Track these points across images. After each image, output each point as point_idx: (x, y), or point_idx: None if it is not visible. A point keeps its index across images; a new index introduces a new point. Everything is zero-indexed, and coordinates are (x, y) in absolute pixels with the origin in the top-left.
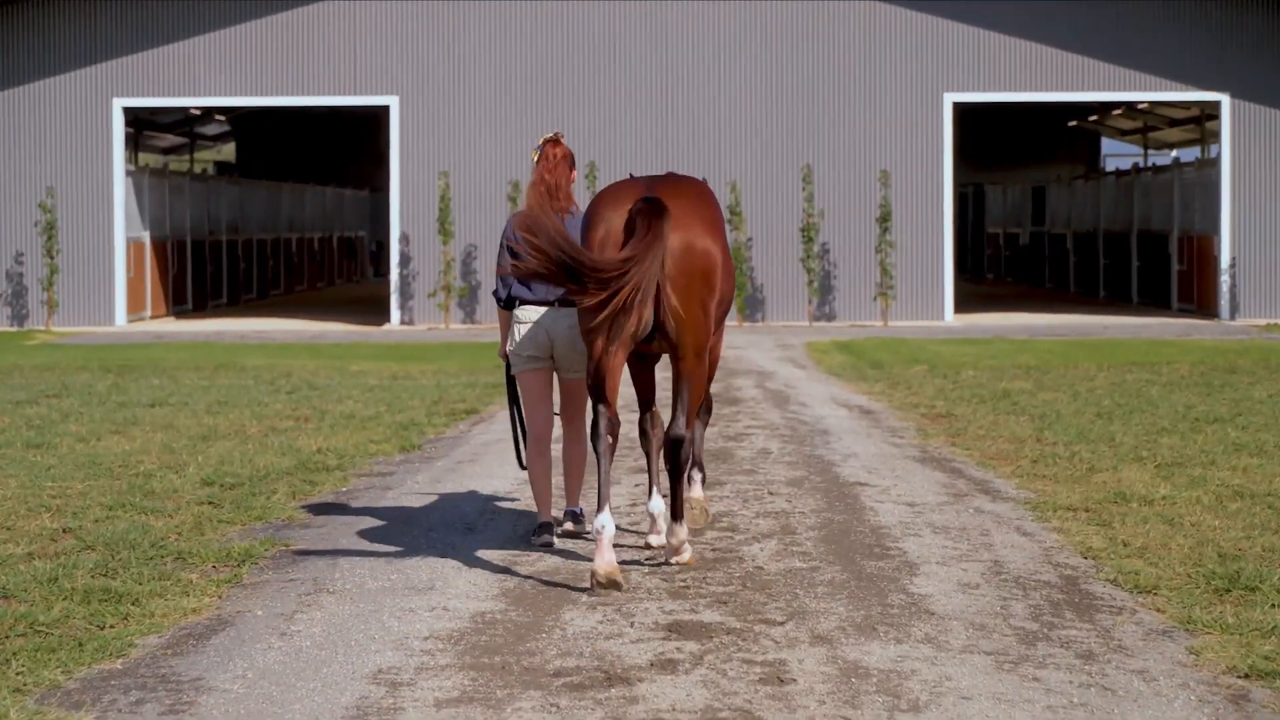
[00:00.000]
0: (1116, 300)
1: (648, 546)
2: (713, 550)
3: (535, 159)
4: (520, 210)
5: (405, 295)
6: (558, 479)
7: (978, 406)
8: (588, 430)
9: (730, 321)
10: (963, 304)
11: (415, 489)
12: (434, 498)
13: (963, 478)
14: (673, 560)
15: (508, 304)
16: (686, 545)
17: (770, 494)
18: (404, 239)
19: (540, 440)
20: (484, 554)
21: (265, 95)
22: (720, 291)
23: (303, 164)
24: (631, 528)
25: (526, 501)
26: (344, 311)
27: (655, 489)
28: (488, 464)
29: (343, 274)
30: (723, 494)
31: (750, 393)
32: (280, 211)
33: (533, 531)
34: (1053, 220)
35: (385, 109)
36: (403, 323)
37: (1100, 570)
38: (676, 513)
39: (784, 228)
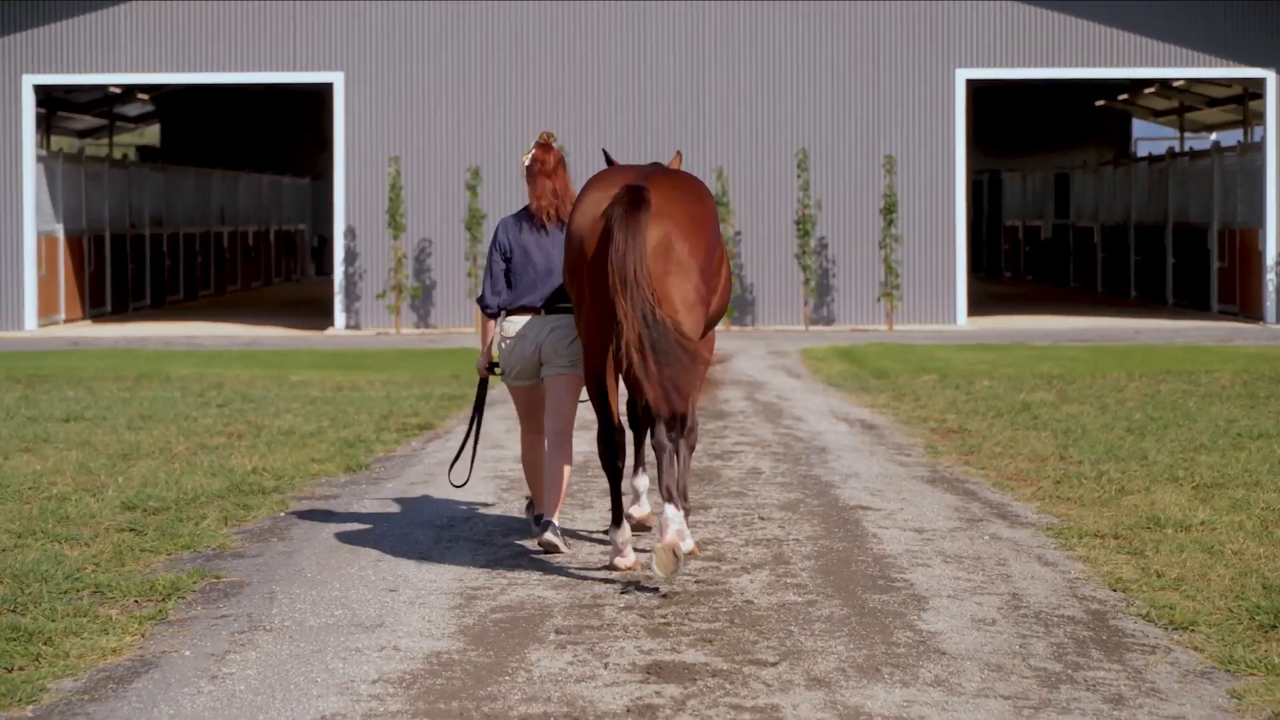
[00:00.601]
0: (1149, 301)
1: (629, 518)
2: (696, 582)
3: (526, 163)
4: (521, 210)
5: (351, 296)
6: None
7: (994, 421)
8: (597, 445)
9: (718, 326)
10: (977, 306)
11: (362, 514)
12: (383, 523)
13: (977, 501)
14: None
15: (496, 312)
16: (687, 533)
17: (761, 519)
18: (350, 233)
19: (535, 435)
20: (440, 586)
21: (194, 71)
22: (714, 290)
23: (236, 149)
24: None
25: (488, 526)
26: (282, 314)
27: (643, 467)
28: (444, 485)
29: (281, 272)
30: (708, 519)
31: (739, 405)
32: (210, 202)
33: (533, 521)
34: (1078, 212)
35: (328, 87)
36: (348, 327)
37: (1131, 604)
38: (672, 496)
39: (777, 220)
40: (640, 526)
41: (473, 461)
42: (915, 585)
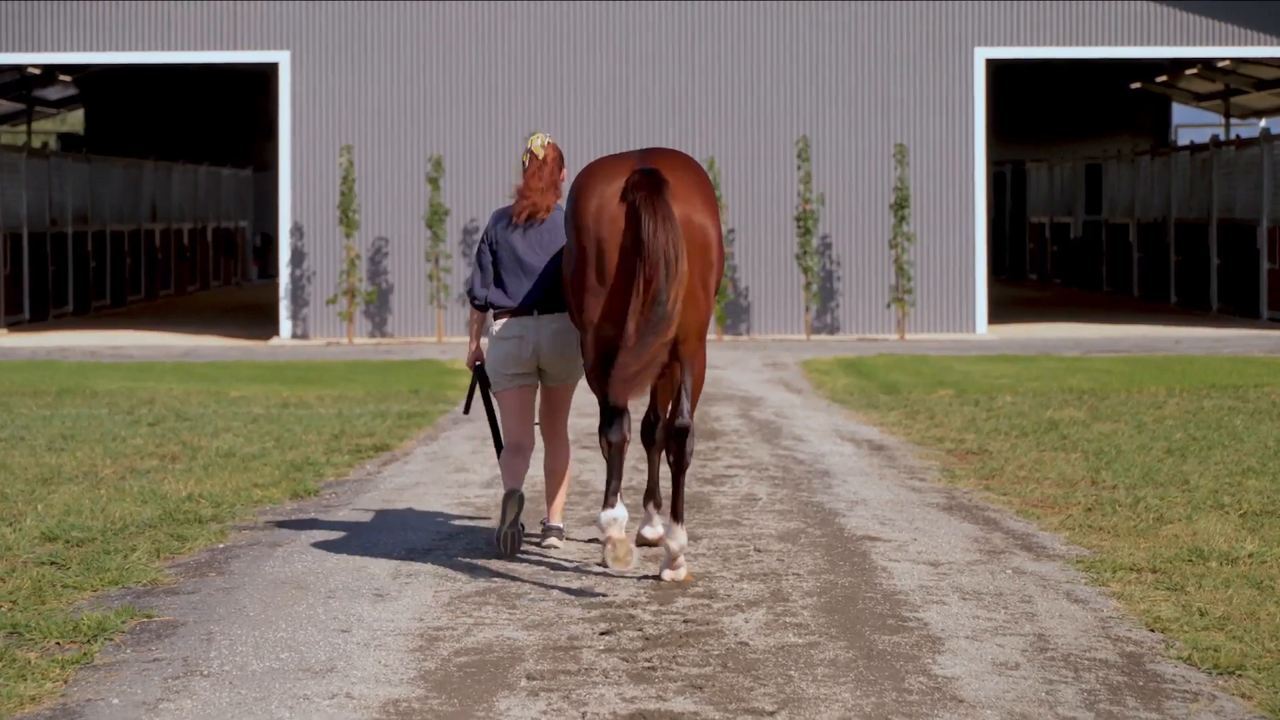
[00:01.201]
0: (1191, 307)
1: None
2: (685, 622)
3: (526, 162)
4: (511, 206)
5: (298, 302)
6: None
7: (1017, 441)
8: (600, 428)
9: (709, 335)
10: (999, 312)
11: (311, 545)
12: (335, 556)
13: (999, 530)
14: (665, 575)
15: (485, 305)
16: (683, 559)
17: (757, 551)
18: (296, 231)
19: (521, 449)
20: (398, 626)
21: (122, 50)
22: (716, 273)
23: (169, 137)
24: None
25: (452, 558)
26: (221, 322)
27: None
28: (401, 514)
29: (219, 275)
30: (697, 551)
31: (732, 424)
32: (141, 196)
33: (501, 515)
34: (1111, 207)
35: (273, 68)
36: (295, 336)
37: (1171, 646)
38: (677, 513)
39: (775, 216)
40: (643, 543)
41: (496, 434)
42: (929, 625)
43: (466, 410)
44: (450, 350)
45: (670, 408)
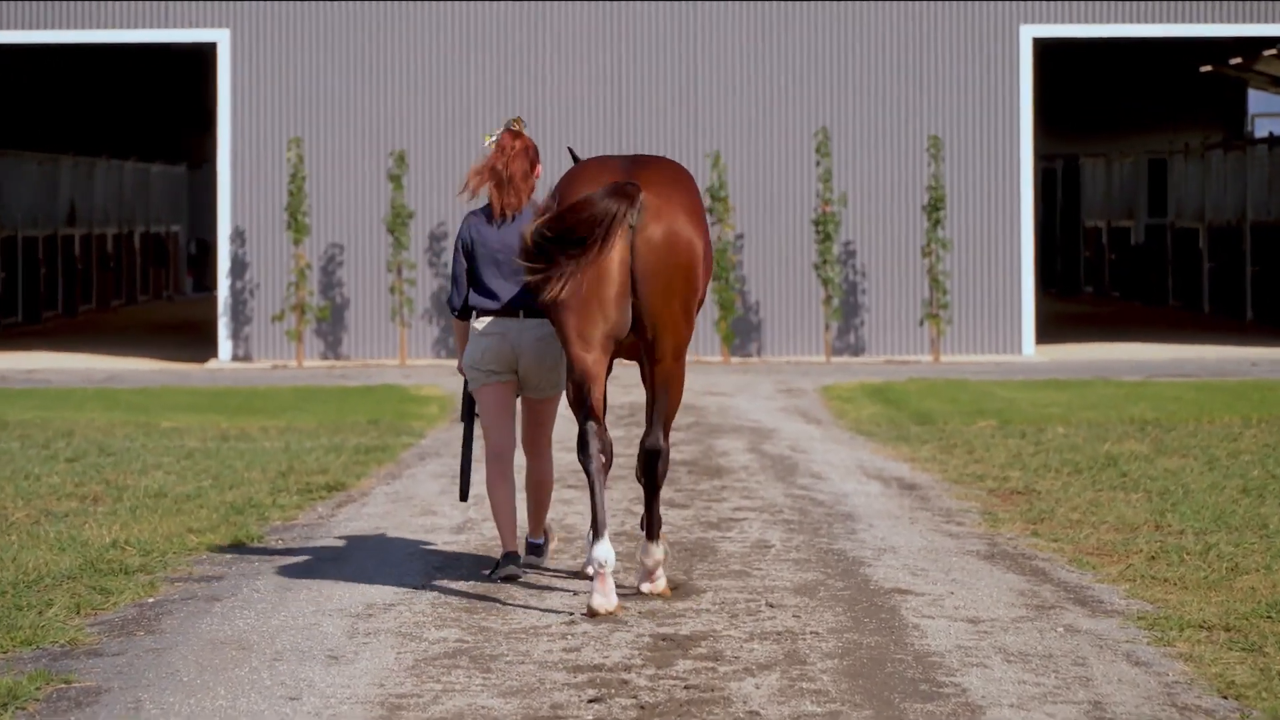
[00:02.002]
0: (1270, 325)
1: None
2: (686, 688)
3: (489, 144)
4: (485, 206)
5: (239, 319)
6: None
7: (1070, 479)
8: (576, 449)
9: (713, 356)
10: (1048, 330)
11: (254, 599)
12: (282, 611)
13: (1048, 582)
14: (643, 588)
15: (463, 313)
16: (661, 572)
17: (770, 606)
18: (237, 236)
19: (501, 459)
20: (355, 693)
21: (34, 29)
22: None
23: (90, 128)
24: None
25: (416, 614)
26: (150, 342)
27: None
28: (360, 562)
29: (149, 287)
30: (700, 606)
31: (740, 459)
32: (57, 196)
33: (493, 567)
34: (1178, 209)
35: (210, 49)
36: (236, 358)
37: (1247, 716)
38: (652, 531)
39: (790, 220)
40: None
41: (465, 474)
42: (969, 692)
43: (464, 417)
44: (415, 374)
45: (646, 425)
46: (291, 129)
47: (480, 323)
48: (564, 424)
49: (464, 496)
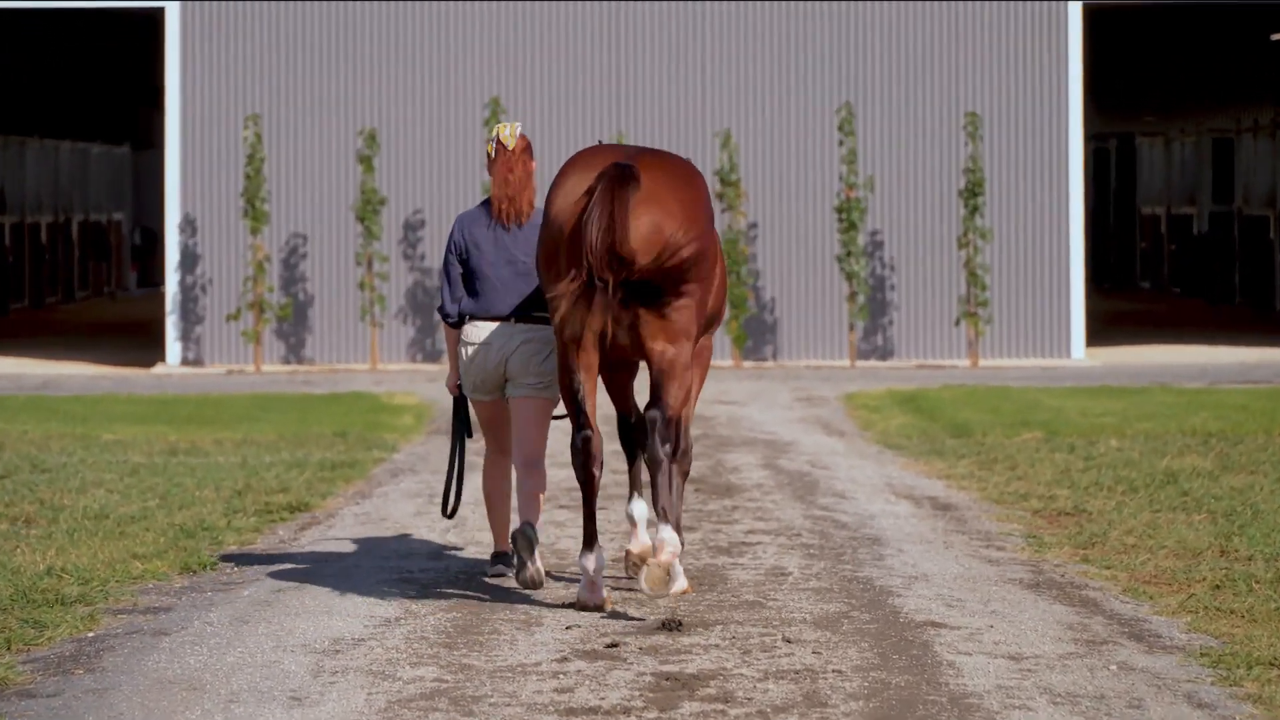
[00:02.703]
0: None
1: (628, 555)
2: None
3: (491, 152)
4: (480, 205)
5: (190, 318)
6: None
7: (1124, 498)
8: (571, 456)
9: (723, 360)
10: (1101, 331)
11: (207, 634)
12: (238, 648)
13: (1100, 614)
14: (642, 579)
15: (458, 321)
16: (679, 571)
17: (787, 642)
18: (188, 225)
19: (501, 457)
20: None
21: None
22: (710, 293)
23: (22, 105)
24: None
25: (389, 650)
26: (90, 344)
27: (638, 491)
28: (326, 592)
29: (88, 283)
30: (708, 641)
31: (754, 475)
32: None
33: (489, 562)
34: (1246, 194)
35: (158, 14)
36: (186, 362)
37: None
38: (658, 506)
39: (809, 206)
40: (638, 563)
41: (459, 490)
42: None
43: (453, 434)
44: (388, 380)
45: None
46: (248, 104)
47: (469, 329)
48: (560, 434)
49: (449, 513)
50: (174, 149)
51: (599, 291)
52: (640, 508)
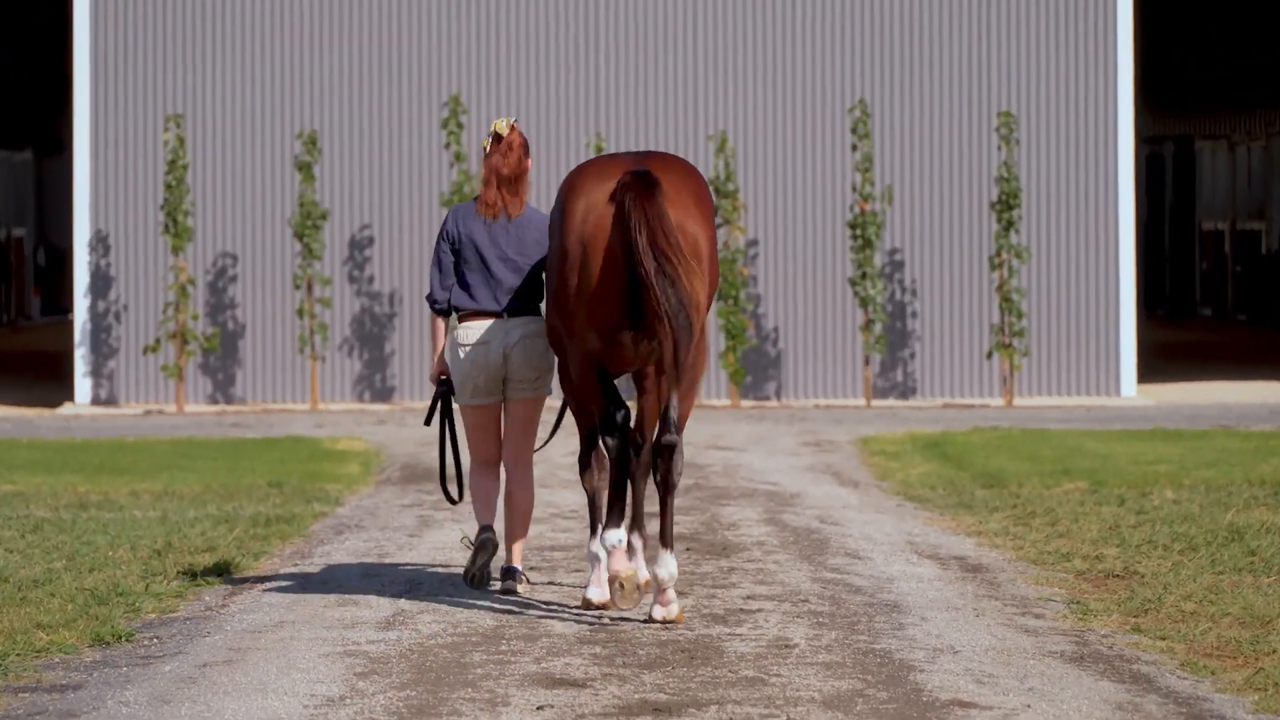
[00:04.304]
0: None
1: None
2: None
3: (486, 148)
4: (471, 202)
5: (102, 350)
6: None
7: (1182, 558)
8: (577, 463)
9: (718, 399)
10: (1154, 365)
11: (122, 716)
12: None
13: (1154, 692)
14: (657, 616)
15: (446, 309)
16: (673, 594)
17: None
18: (99, 243)
19: (487, 465)
20: None
21: None
22: (713, 291)
23: None
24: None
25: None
26: None
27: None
28: (260, 667)
29: None
30: None
31: (755, 532)
32: None
33: (476, 535)
34: None
35: (64, 3)
36: (98, 401)
37: None
38: (665, 538)
39: (819, 220)
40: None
41: (444, 474)
42: None
43: (428, 422)
44: (330, 423)
45: (659, 422)
46: (170, 104)
47: (461, 330)
48: (563, 437)
49: (453, 499)
50: (83, 155)
51: (637, 296)
52: (617, 533)
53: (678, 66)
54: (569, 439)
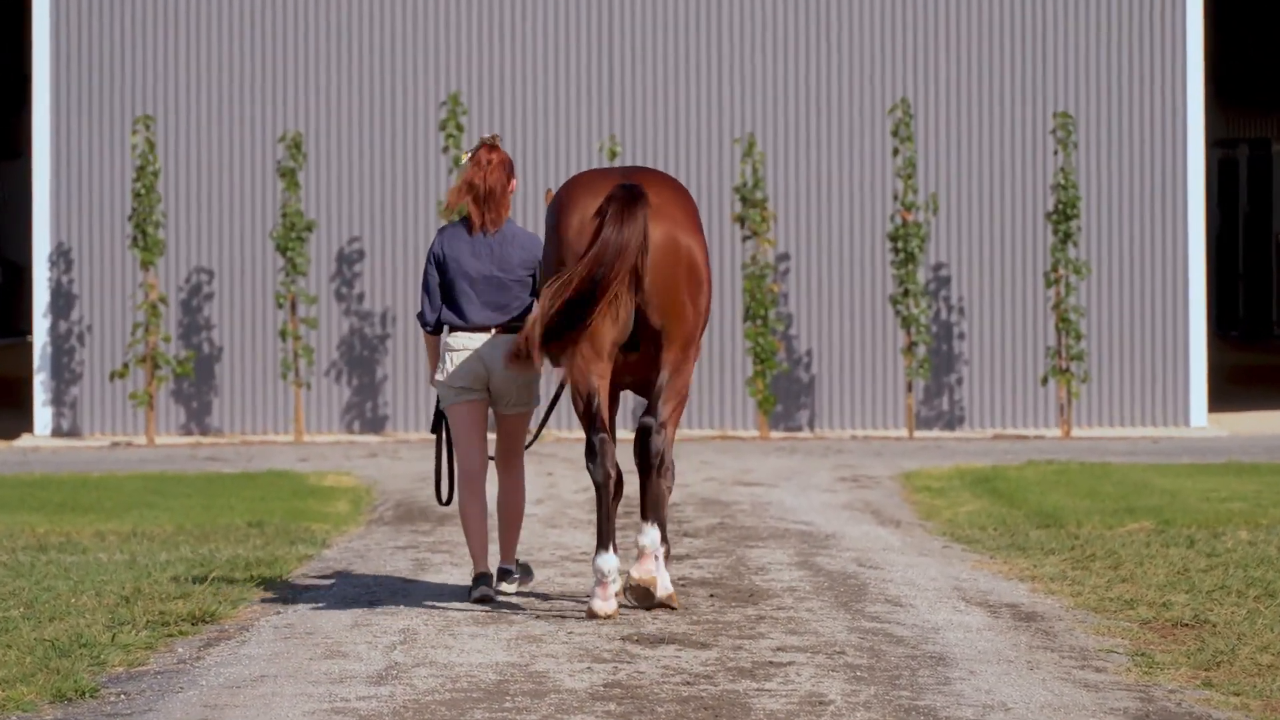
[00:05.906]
0: None
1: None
2: None
3: (465, 161)
4: (463, 219)
5: (64, 376)
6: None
7: (1257, 605)
8: (585, 458)
9: (745, 430)
10: (1227, 392)
11: None
12: None
13: None
14: (633, 574)
15: (436, 328)
16: (661, 567)
17: None
18: (61, 257)
19: (473, 479)
20: None
21: None
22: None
23: None
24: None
25: None
26: None
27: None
28: None
29: None
30: None
31: (786, 577)
32: None
33: (469, 588)
34: None
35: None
36: (59, 433)
37: None
38: (646, 510)
39: (856, 232)
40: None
41: (439, 478)
42: None
43: (434, 430)
44: (316, 456)
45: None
46: (139, 104)
47: (453, 337)
48: (564, 451)
49: (444, 500)
50: (43, 160)
51: (620, 304)
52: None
53: (700, 60)
54: (579, 473)
